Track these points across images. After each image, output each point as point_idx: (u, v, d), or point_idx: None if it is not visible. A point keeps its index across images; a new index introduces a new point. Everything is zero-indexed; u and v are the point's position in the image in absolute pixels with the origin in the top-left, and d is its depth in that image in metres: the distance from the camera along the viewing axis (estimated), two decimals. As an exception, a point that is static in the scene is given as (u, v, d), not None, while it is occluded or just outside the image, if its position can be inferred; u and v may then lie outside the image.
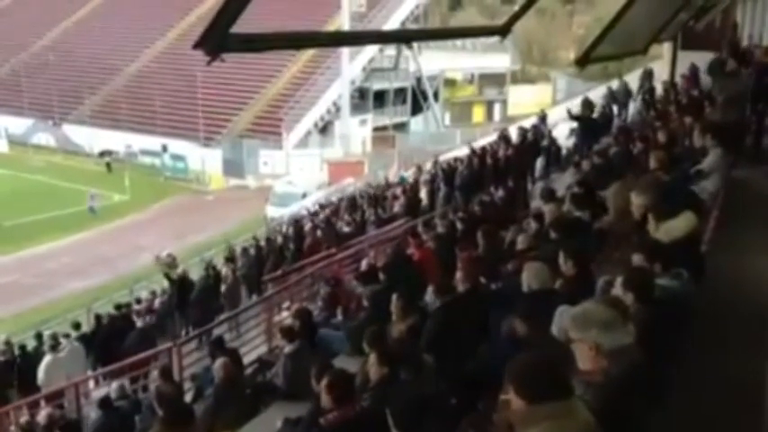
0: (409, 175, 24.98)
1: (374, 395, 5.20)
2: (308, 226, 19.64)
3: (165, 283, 17.30)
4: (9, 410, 10.81)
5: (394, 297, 6.83)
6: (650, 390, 3.03)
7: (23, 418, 9.38)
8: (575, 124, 18.57)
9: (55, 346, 11.87)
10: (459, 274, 7.27)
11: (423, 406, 4.49)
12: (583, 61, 5.12)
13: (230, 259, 17.67)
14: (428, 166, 22.78)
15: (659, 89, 18.21)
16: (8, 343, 13.10)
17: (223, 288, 15.30)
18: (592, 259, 5.85)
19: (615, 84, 21.27)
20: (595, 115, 18.82)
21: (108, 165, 43.48)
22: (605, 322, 3.07)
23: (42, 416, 9.09)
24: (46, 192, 38.16)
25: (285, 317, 10.61)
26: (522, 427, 2.65)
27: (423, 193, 17.58)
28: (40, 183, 40.18)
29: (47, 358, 11.58)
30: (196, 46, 2.84)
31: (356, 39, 12.67)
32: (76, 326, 13.93)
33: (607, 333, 3.03)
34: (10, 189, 38.65)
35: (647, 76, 20.41)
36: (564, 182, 12.93)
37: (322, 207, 25.27)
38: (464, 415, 4.64)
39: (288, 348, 7.55)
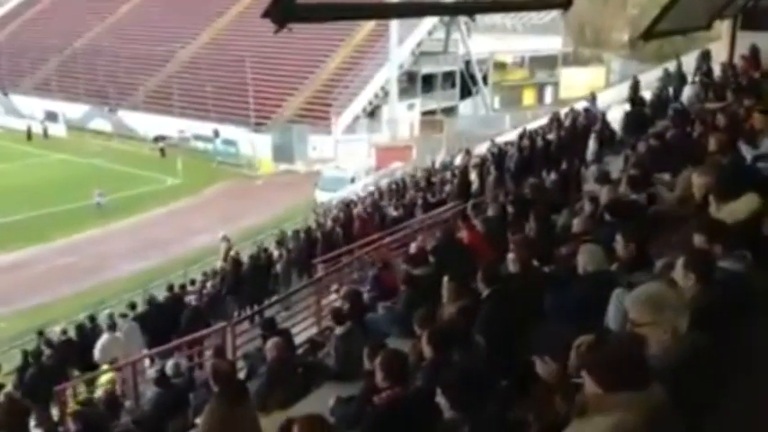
0: (451, 160, 24.78)
1: (426, 375, 5.21)
2: (356, 210, 19.72)
3: (218, 265, 17.69)
4: (68, 387, 11.17)
5: (445, 279, 6.81)
6: (714, 373, 2.95)
7: (82, 395, 9.69)
8: (627, 107, 18.27)
9: (112, 326, 12.24)
10: (510, 257, 7.22)
11: (475, 385, 4.49)
12: (645, 37, 4.99)
13: (281, 242, 17.87)
14: (479, 149, 22.64)
15: (717, 70, 17.67)
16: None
17: (274, 270, 15.50)
18: (648, 242, 5.74)
19: (671, 65, 20.74)
20: (650, 97, 18.38)
21: (161, 150, 44.34)
22: (678, 305, 3.00)
23: (101, 392, 9.38)
24: (103, 176, 39.13)
25: (335, 299, 10.71)
26: (594, 412, 2.60)
27: (472, 177, 17.43)
28: (97, 167, 41.22)
29: (103, 337, 11.94)
30: (264, 15, 2.86)
31: (417, 10, 13.00)
32: (132, 306, 14.30)
33: (680, 316, 2.96)
34: (68, 173, 39.79)
35: (705, 57, 19.81)
36: (618, 165, 12.66)
37: (370, 192, 25.32)
38: (516, 397, 4.61)
39: (339, 330, 7.62)
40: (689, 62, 20.38)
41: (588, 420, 2.61)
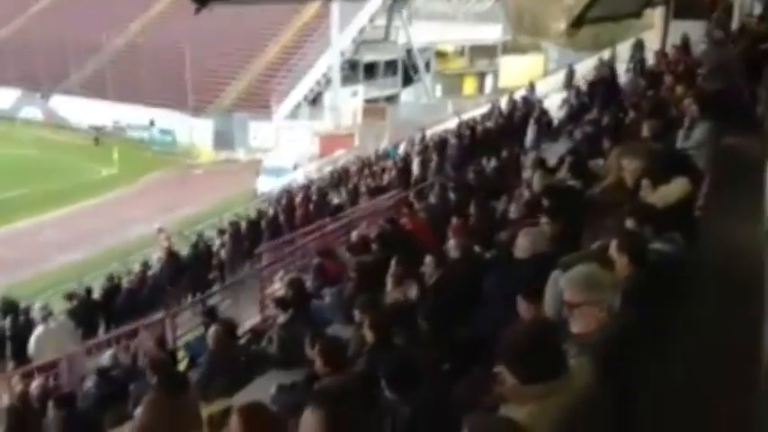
0: (395, 149, 24.94)
1: (368, 360, 5.23)
2: (299, 198, 19.60)
3: (156, 256, 17.37)
4: (2, 380, 10.83)
5: (392, 264, 6.87)
6: (645, 350, 3.05)
7: (18, 388, 9.38)
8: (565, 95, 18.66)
9: (47, 317, 11.88)
10: (451, 243, 7.32)
11: (416, 370, 4.53)
12: (577, 23, 5.09)
13: (223, 231, 17.64)
14: (419, 136, 22.78)
15: (651, 59, 18.17)
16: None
17: (216, 260, 15.30)
18: (580, 223, 5.86)
19: (606, 54, 21.27)
20: (584, 85, 18.80)
21: (96, 139, 43.11)
22: (614, 283, 3.08)
23: (35, 386, 9.09)
24: (34, 166, 37.85)
25: (278, 287, 10.63)
26: (513, 403, 2.62)
27: (414, 165, 17.54)
28: (28, 157, 39.81)
29: (38, 330, 11.57)
30: (185, -6, 2.80)
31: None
32: (68, 297, 13.90)
33: (615, 295, 3.04)
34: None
35: (639, 46, 20.38)
36: (556, 151, 12.92)
37: (313, 179, 25.19)
38: (457, 380, 4.67)
39: (281, 318, 7.59)
40: (623, 51, 20.94)
41: (507, 411, 2.65)
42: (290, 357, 6.82)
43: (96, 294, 13.80)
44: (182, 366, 8.28)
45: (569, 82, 20.10)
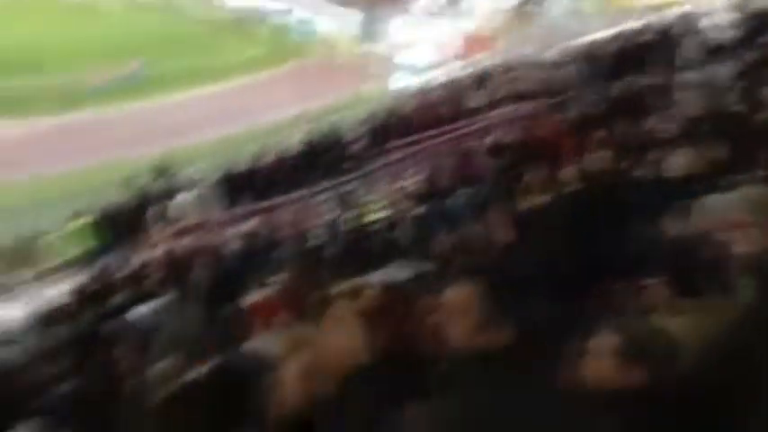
0: (539, 55, 23.94)
1: (500, 258, 5.30)
2: (436, 97, 19.46)
3: (295, 140, 17.99)
4: (149, 240, 11.79)
5: (529, 170, 6.81)
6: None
7: (167, 245, 10.20)
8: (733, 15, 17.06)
9: (190, 187, 12.72)
10: (596, 156, 7.13)
11: (553, 271, 4.55)
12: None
13: (359, 124, 17.92)
14: (567, 45, 21.81)
15: None
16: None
17: (350, 150, 15.66)
18: (744, 149, 5.53)
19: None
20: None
21: (239, 21, 44.01)
22: None
23: (182, 245, 9.83)
24: (179, 43, 39.29)
25: (410, 183, 10.82)
26: (663, 313, 2.59)
27: (560, 74, 16.89)
28: (176, 33, 41.30)
29: (182, 195, 12.41)
30: None
31: None
32: (211, 170, 14.74)
33: None
34: (148, 39, 39.99)
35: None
36: (720, 74, 12.02)
37: (452, 79, 24.79)
38: (592, 290, 4.65)
39: (414, 211, 7.76)
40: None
41: (656, 320, 2.61)
42: (421, 249, 7.00)
43: (239, 170, 14.56)
44: (313, 247, 8.66)
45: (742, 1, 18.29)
